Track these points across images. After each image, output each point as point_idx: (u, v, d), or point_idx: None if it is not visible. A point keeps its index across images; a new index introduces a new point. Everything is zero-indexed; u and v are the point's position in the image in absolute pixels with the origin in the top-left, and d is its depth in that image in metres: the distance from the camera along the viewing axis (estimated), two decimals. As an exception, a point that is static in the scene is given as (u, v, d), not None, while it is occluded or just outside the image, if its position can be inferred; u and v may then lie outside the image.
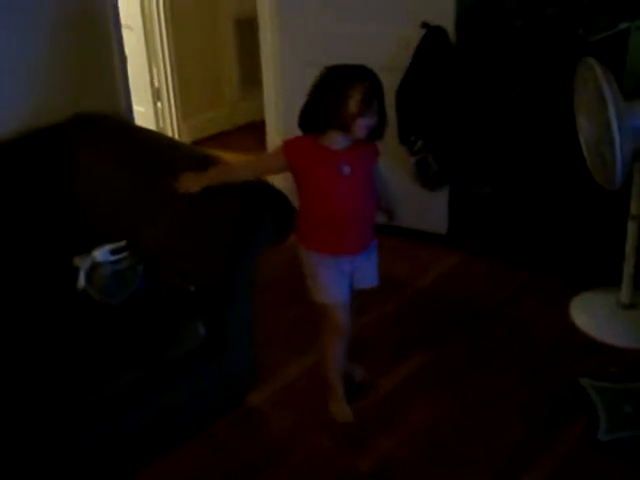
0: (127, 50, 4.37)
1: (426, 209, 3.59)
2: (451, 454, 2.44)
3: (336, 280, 2.42)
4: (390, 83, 3.21)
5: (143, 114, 4.68)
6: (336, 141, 2.27)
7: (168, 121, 4.76)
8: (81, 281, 2.45)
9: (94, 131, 2.80)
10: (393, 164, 3.50)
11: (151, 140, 2.79)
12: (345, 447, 2.48)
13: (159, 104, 4.71)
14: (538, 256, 3.49)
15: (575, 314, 3.06)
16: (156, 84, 4.64)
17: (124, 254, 2.51)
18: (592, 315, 3.03)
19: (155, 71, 4.59)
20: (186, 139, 4.81)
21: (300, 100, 3.64)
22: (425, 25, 3.12)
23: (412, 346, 2.95)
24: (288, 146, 2.34)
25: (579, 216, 3.47)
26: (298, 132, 3.76)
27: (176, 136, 4.78)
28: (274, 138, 3.92)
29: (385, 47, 3.31)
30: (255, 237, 2.35)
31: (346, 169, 2.27)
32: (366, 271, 2.50)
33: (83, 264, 2.48)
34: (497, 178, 3.75)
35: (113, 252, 2.51)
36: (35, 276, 2.55)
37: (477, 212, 3.82)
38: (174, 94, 4.65)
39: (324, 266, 2.39)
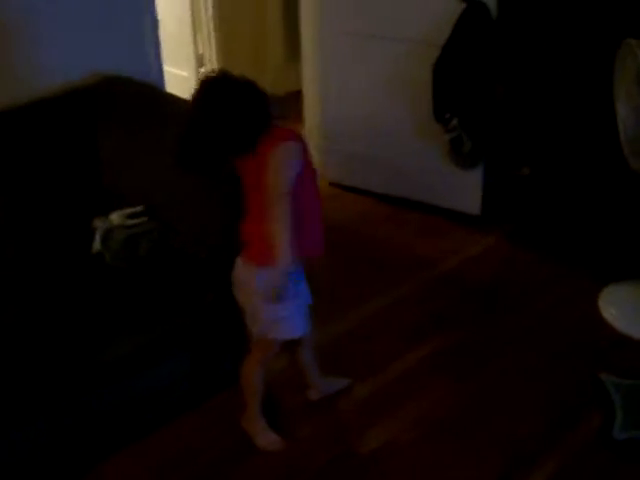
0: (172, 15, 4.40)
1: (459, 188, 3.50)
2: (457, 441, 2.39)
3: (304, 303, 2.20)
4: (427, 58, 3.15)
5: (186, 79, 4.66)
6: None
7: (211, 87, 4.75)
8: (96, 244, 2.46)
9: (121, 95, 2.78)
10: (427, 141, 3.43)
11: (176, 106, 2.75)
12: (349, 426, 2.46)
13: (202, 69, 4.69)
14: (571, 245, 3.37)
15: (603, 307, 2.95)
16: (200, 49, 4.62)
17: (141, 219, 2.51)
18: (620, 309, 2.92)
19: (199, 36, 4.57)
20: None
21: (336, 71, 3.62)
22: (465, -1, 3.02)
23: (431, 328, 2.89)
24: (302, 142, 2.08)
25: (614, 206, 3.33)
26: (334, 103, 3.73)
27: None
28: (311, 109, 3.87)
29: (424, 20, 3.22)
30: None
31: None
32: None
33: (100, 226, 2.50)
34: (536, 160, 3.63)
35: (130, 216, 2.52)
36: (55, 236, 2.57)
37: (513, 194, 3.71)
38: (217, 60, 4.62)
39: (291, 287, 2.08)
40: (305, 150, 2.05)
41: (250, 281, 2.11)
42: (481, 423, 2.45)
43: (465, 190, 3.50)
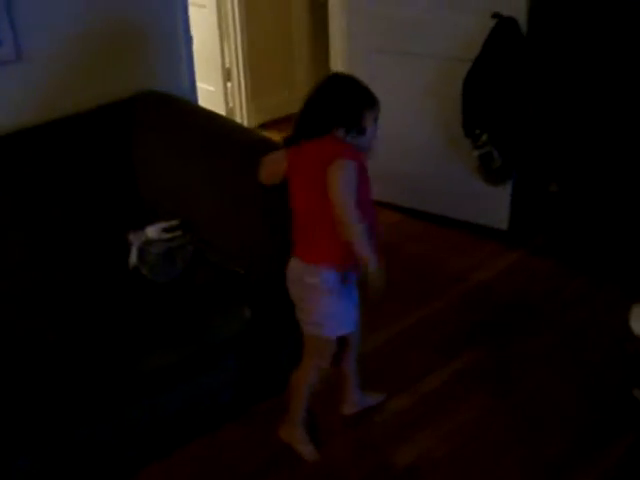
0: (199, 29, 4.42)
1: (487, 204, 3.51)
2: (489, 457, 2.39)
3: (352, 304, 2.26)
4: (457, 74, 3.17)
5: (213, 93, 4.72)
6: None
7: (237, 101, 4.78)
8: (133, 257, 2.48)
9: (156, 109, 2.82)
10: (456, 157, 3.45)
11: (211, 121, 2.79)
12: (383, 440, 2.47)
13: (229, 84, 4.73)
14: (601, 260, 3.37)
15: (635, 323, 2.93)
16: (227, 64, 4.66)
17: (176, 233, 2.53)
18: (652, 325, 2.90)
19: (227, 51, 4.61)
20: (255, 120, 4.82)
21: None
22: (496, 15, 3.03)
23: (462, 343, 2.90)
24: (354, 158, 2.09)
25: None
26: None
27: (244, 117, 4.80)
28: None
29: (454, 36, 3.25)
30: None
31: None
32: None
33: (136, 240, 2.52)
34: (564, 176, 3.63)
35: (166, 230, 2.54)
36: (91, 249, 2.60)
37: (541, 210, 3.71)
38: (244, 75, 4.66)
39: (341, 287, 2.17)
40: (362, 168, 2.08)
41: (302, 276, 2.16)
42: (510, 441, 2.45)
43: (493, 206, 3.51)
